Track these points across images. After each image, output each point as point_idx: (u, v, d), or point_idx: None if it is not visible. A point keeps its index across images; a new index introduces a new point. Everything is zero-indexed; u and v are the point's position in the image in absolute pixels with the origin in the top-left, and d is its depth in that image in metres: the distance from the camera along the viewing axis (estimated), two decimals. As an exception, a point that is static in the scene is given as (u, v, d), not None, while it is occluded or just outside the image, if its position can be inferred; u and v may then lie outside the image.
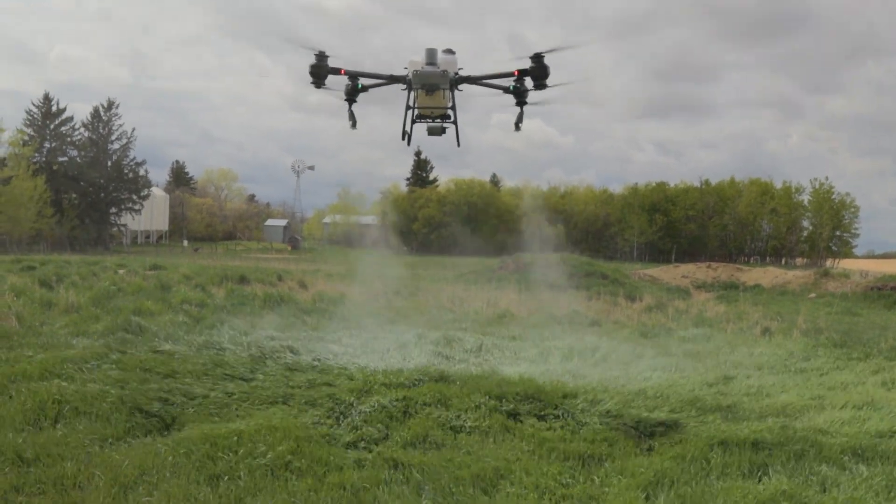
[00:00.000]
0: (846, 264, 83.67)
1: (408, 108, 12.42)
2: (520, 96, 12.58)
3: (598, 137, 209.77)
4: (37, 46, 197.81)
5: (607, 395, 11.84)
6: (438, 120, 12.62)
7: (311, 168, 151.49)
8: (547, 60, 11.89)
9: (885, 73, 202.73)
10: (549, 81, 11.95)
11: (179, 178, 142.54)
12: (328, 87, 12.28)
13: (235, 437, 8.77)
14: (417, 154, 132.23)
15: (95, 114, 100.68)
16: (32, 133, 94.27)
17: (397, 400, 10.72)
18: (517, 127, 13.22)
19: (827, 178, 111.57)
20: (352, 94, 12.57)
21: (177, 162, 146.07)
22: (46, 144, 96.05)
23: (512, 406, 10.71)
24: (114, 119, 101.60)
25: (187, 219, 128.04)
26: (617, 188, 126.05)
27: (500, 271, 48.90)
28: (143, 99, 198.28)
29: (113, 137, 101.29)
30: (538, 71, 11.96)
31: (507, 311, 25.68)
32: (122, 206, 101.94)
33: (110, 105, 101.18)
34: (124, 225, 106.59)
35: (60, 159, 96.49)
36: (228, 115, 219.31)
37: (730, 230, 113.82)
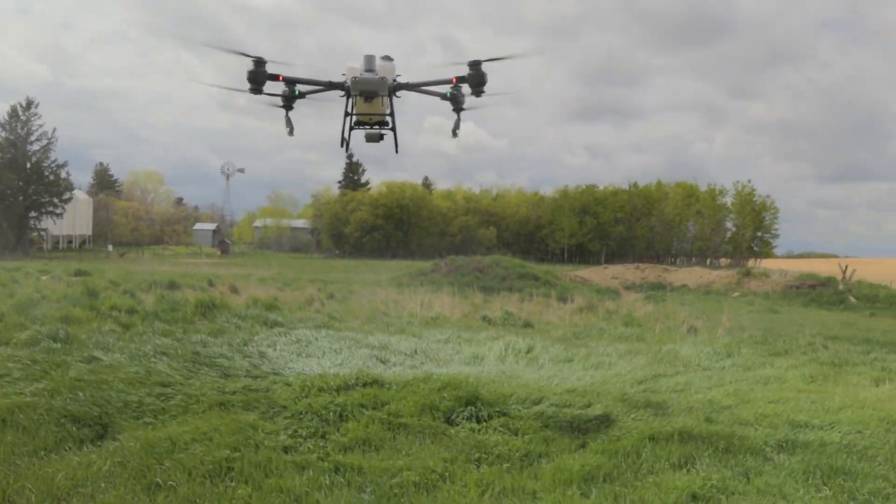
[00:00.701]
0: (767, 264, 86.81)
1: (346, 114, 12.40)
2: (456, 103, 12.65)
3: (530, 141, 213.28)
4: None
5: (542, 394, 12.09)
6: (377, 126, 12.62)
7: (241, 171, 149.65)
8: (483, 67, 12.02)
9: (803, 80, 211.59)
10: (486, 88, 12.08)
11: (103, 180, 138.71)
12: (265, 94, 12.16)
13: (172, 444, 8.67)
14: (349, 157, 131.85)
15: (13, 113, 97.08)
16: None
17: (334, 404, 10.73)
18: (454, 133, 13.33)
19: (749, 181, 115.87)
20: (289, 101, 12.47)
21: (101, 164, 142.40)
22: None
23: (449, 407, 10.84)
24: (33, 119, 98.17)
25: (112, 223, 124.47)
26: (548, 191, 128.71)
27: (433, 274, 49.10)
28: (63, 97, 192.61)
29: (32, 138, 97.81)
30: (476, 78, 12.03)
31: (441, 315, 25.86)
32: (43, 210, 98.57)
33: (29, 104, 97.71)
34: (45, 229, 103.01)
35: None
36: (154, 115, 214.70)
37: (657, 232, 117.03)
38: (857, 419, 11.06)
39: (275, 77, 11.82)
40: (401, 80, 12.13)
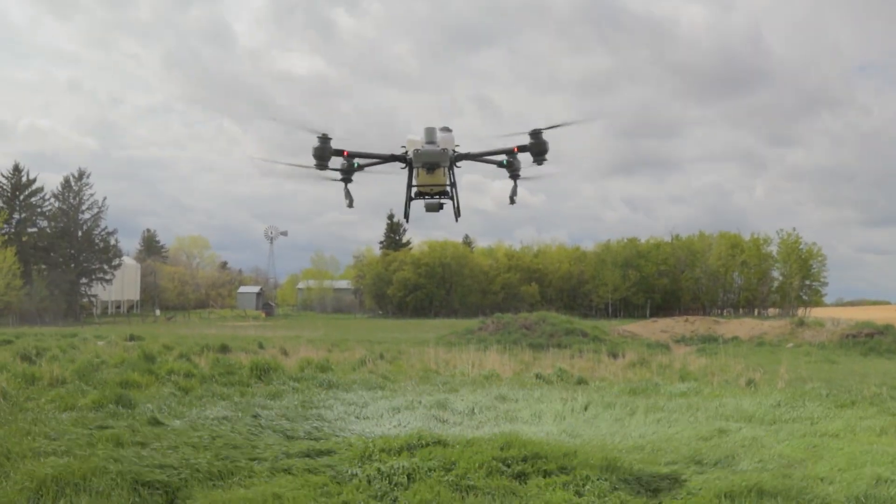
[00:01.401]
0: (817, 313, 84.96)
1: (409, 186, 12.54)
2: (513, 170, 12.81)
3: (569, 196, 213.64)
4: (4, 118, 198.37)
5: (606, 452, 11.89)
6: (437, 196, 12.74)
7: (285, 234, 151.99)
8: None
9: (842, 125, 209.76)
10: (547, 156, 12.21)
11: (150, 246, 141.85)
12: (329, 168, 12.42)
13: (245, 508, 8.69)
14: (390, 217, 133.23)
15: (66, 184, 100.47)
16: (2, 205, 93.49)
17: (400, 466, 10.67)
18: (512, 200, 13.49)
19: (794, 230, 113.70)
20: (348, 174, 12.71)
21: (148, 230, 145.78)
22: (16, 216, 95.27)
23: (516, 467, 10.71)
24: (84, 189, 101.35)
25: (159, 288, 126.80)
26: (589, 245, 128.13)
27: (480, 332, 48.90)
28: (111, 168, 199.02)
29: (84, 207, 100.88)
30: (537, 147, 12.20)
31: (493, 373, 25.67)
32: (93, 277, 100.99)
33: (81, 175, 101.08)
34: (95, 295, 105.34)
35: (30, 230, 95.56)
36: (198, 183, 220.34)
37: (702, 283, 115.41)
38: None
39: (339, 153, 12.06)
40: (460, 150, 12.29)
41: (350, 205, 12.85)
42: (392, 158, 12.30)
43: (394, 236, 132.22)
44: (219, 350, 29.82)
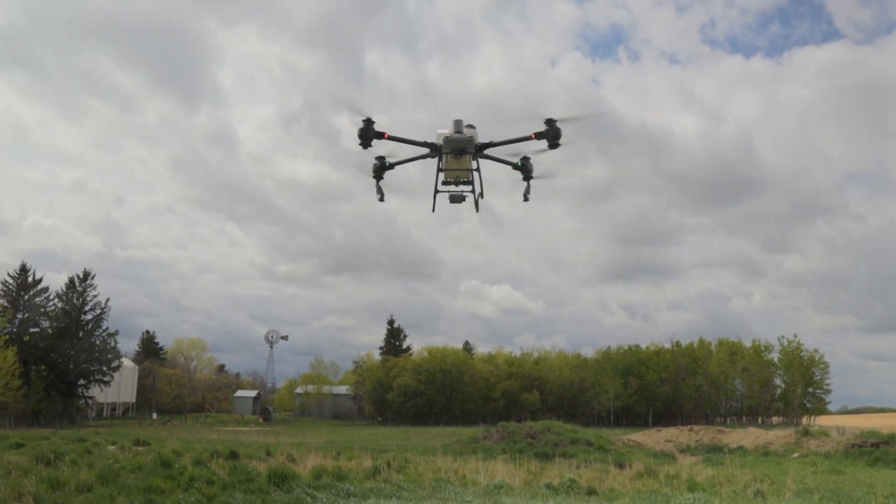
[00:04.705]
0: (822, 421, 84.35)
1: (439, 170, 14.58)
2: (526, 172, 15.01)
3: (568, 301, 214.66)
4: (9, 216, 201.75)
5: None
6: (462, 187, 14.73)
7: (285, 338, 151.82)
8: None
9: (836, 232, 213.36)
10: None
11: (149, 348, 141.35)
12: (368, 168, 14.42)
13: None
14: (390, 323, 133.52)
15: (70, 284, 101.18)
16: (6, 304, 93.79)
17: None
18: (525, 198, 15.58)
19: (795, 336, 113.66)
20: (379, 172, 14.88)
21: (147, 332, 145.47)
22: (19, 315, 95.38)
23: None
24: (88, 290, 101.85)
25: (156, 390, 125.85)
26: (589, 352, 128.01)
27: (484, 441, 48.73)
28: (113, 268, 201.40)
29: (87, 308, 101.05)
30: (552, 132, 14.24)
31: (504, 483, 25.79)
32: (92, 378, 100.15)
33: (86, 276, 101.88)
34: (92, 397, 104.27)
35: (32, 330, 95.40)
36: (198, 283, 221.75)
37: (704, 391, 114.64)
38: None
39: (381, 135, 13.94)
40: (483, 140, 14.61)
41: (381, 199, 14.90)
42: (425, 145, 14.02)
43: (394, 342, 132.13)
44: (228, 456, 29.86)
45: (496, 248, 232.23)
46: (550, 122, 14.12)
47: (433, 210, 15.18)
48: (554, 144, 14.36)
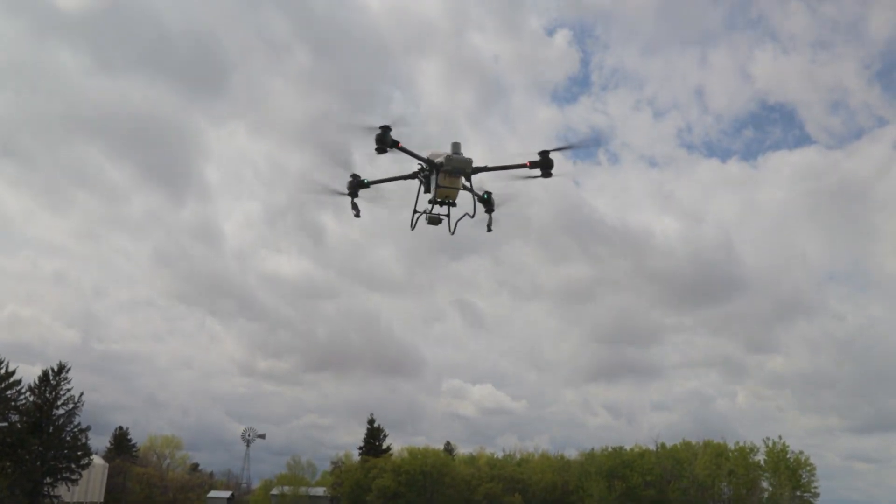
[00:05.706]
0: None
1: (425, 190, 15.55)
2: (488, 206, 15.84)
3: (551, 401, 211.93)
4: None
5: None
6: (445, 207, 15.38)
7: (262, 437, 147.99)
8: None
9: (818, 331, 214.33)
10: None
11: (121, 444, 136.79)
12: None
13: None
14: (370, 422, 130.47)
15: (44, 377, 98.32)
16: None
17: None
18: (489, 229, 16.16)
19: (780, 438, 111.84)
20: (354, 189, 15.65)
21: (120, 428, 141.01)
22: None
23: None
24: (62, 383, 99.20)
25: (127, 489, 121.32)
26: (572, 453, 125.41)
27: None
28: (90, 361, 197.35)
29: (59, 402, 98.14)
30: (545, 162, 15.48)
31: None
32: (59, 476, 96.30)
33: (60, 369, 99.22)
34: (58, 496, 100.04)
35: (0, 425, 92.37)
36: (175, 378, 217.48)
37: (690, 494, 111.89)
38: None
39: (395, 143, 14.62)
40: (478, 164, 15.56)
41: (357, 215, 15.46)
42: (428, 161, 15.50)
43: (374, 441, 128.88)
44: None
45: (478, 347, 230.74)
46: (544, 154, 15.26)
47: (412, 228, 15.96)
48: (547, 173, 15.75)
